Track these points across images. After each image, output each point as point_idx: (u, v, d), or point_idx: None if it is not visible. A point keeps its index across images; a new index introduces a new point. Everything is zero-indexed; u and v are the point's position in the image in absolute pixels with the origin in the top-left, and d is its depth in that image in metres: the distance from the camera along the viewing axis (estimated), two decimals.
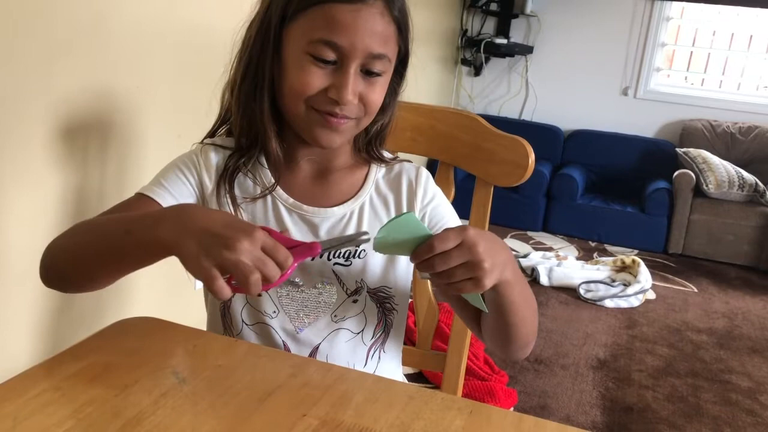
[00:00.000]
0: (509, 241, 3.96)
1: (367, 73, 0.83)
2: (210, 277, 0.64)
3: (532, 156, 1.01)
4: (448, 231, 0.70)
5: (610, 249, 4.05)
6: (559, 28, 4.54)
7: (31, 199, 1.35)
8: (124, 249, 0.73)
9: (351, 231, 0.90)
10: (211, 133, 0.95)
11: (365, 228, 0.90)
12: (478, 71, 4.74)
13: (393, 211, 0.93)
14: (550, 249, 3.89)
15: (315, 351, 0.91)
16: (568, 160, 4.49)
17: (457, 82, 4.76)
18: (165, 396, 0.66)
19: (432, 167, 1.03)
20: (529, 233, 4.17)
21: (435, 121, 1.07)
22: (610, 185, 4.39)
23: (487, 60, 4.69)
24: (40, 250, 0.80)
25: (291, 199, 0.90)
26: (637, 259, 3.48)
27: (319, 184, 0.92)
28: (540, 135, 4.38)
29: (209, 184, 0.89)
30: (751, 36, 4.41)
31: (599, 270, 3.45)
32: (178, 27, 1.70)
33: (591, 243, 4.13)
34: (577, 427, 0.69)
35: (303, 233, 0.90)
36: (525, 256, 3.62)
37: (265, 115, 0.86)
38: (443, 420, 0.67)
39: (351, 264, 0.90)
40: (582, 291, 3.22)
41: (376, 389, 0.73)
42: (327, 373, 0.75)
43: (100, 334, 0.79)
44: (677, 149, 4.19)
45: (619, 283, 3.30)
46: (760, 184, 3.89)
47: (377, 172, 0.95)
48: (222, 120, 0.94)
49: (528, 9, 4.49)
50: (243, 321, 0.91)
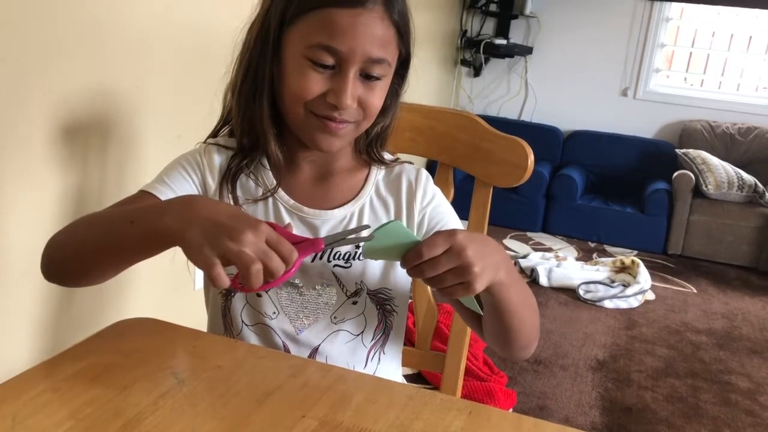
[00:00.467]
0: (508, 242, 3.97)
1: (367, 77, 0.82)
2: (210, 264, 0.64)
3: (531, 157, 1.01)
4: (436, 236, 0.70)
5: (609, 250, 4.05)
6: (559, 28, 4.54)
7: (31, 199, 1.35)
8: (127, 239, 0.73)
9: None
10: (214, 134, 0.95)
11: (366, 235, 0.90)
12: (477, 72, 4.75)
13: (393, 213, 0.93)
14: (549, 250, 3.89)
15: (314, 352, 0.91)
16: (567, 160, 4.49)
17: (457, 82, 4.77)
18: (164, 397, 0.67)
19: (431, 168, 1.03)
20: (529, 234, 4.17)
21: (434, 122, 1.07)
22: (609, 186, 4.39)
23: (487, 61, 4.70)
24: (39, 250, 0.80)
25: (292, 201, 0.90)
26: (637, 260, 3.48)
27: (320, 186, 0.93)
28: (539, 136, 4.38)
29: (212, 184, 0.90)
30: (751, 37, 4.41)
31: (599, 271, 3.45)
32: (178, 27, 1.70)
33: (590, 244, 4.13)
34: (577, 428, 0.69)
35: (303, 235, 0.90)
36: (524, 256, 3.62)
37: (265, 118, 0.86)
38: (442, 421, 0.67)
39: (351, 266, 0.90)
40: (581, 292, 3.22)
41: (375, 390, 0.73)
42: (326, 374, 0.75)
43: (99, 334, 0.79)
44: (677, 150, 4.19)
45: (619, 284, 3.30)
46: (759, 184, 3.89)
47: (377, 173, 0.95)
48: (224, 121, 0.94)
49: (527, 10, 4.49)
50: (243, 321, 0.91)
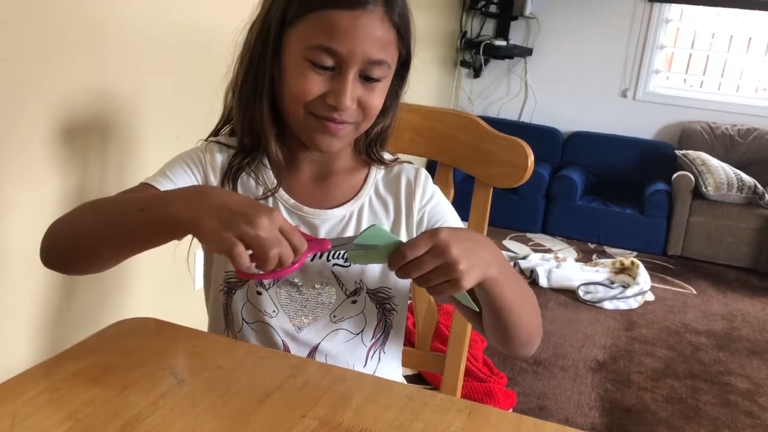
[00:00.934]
0: (508, 243, 3.97)
1: (366, 79, 0.82)
2: (231, 245, 0.64)
3: (531, 157, 1.01)
4: (419, 236, 0.70)
5: (609, 251, 4.05)
6: (559, 30, 4.54)
7: (31, 199, 1.35)
8: (135, 227, 0.73)
9: (350, 232, 0.90)
10: (215, 133, 0.96)
11: None
12: (477, 73, 4.75)
13: (392, 212, 0.93)
14: (549, 251, 3.89)
15: (314, 351, 0.91)
16: (567, 161, 4.49)
17: (457, 83, 4.77)
18: (164, 396, 0.67)
19: (431, 168, 1.03)
20: (528, 235, 4.17)
21: (434, 122, 1.07)
22: (609, 187, 4.39)
23: (487, 62, 4.70)
24: (38, 250, 0.80)
25: (292, 200, 0.90)
26: (636, 261, 3.48)
27: (320, 185, 0.93)
28: (539, 137, 4.38)
29: (214, 181, 0.90)
30: (750, 38, 4.41)
31: (598, 272, 3.45)
32: (178, 28, 1.70)
33: (590, 245, 4.13)
34: (576, 429, 0.69)
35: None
36: (524, 257, 3.62)
37: (265, 118, 0.86)
38: (442, 421, 0.67)
39: (350, 265, 0.90)
40: (581, 293, 3.22)
41: (375, 390, 0.73)
42: (326, 374, 0.75)
43: (99, 334, 0.79)
44: (676, 151, 4.19)
45: (618, 285, 3.30)
46: (759, 186, 3.89)
47: (377, 173, 0.95)
48: (225, 120, 0.95)
49: (527, 11, 4.49)
50: (243, 319, 0.92)
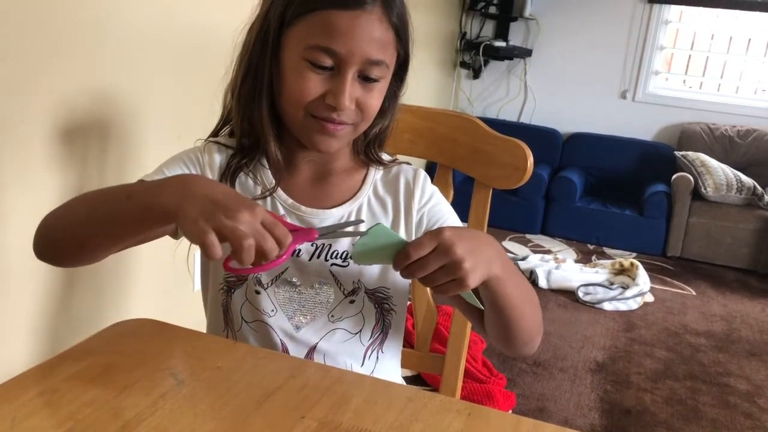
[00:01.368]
0: (508, 244, 3.97)
1: (365, 79, 0.83)
2: (203, 233, 0.64)
3: (530, 159, 1.01)
4: (423, 236, 0.70)
5: (608, 252, 4.05)
6: (558, 31, 4.55)
7: (31, 200, 1.35)
8: (123, 215, 0.73)
9: None
10: (214, 133, 0.96)
11: (363, 229, 0.90)
12: (476, 74, 4.75)
13: (391, 212, 0.94)
14: (548, 252, 3.89)
15: (312, 350, 0.91)
16: (566, 163, 4.49)
17: (456, 84, 4.77)
18: (164, 397, 0.67)
19: (431, 169, 1.03)
20: (528, 236, 4.17)
21: (434, 124, 1.07)
22: (608, 188, 4.39)
23: (486, 63, 4.70)
24: (32, 244, 0.80)
25: (290, 200, 0.90)
26: (636, 262, 3.48)
27: (318, 185, 0.93)
28: (539, 138, 4.38)
29: None
30: (750, 39, 4.42)
31: (598, 273, 3.45)
32: (178, 28, 1.70)
33: (589, 246, 4.13)
34: (576, 430, 0.69)
35: None
36: (523, 258, 3.62)
37: (264, 119, 0.86)
38: (442, 422, 0.67)
39: (348, 265, 0.91)
40: (580, 294, 3.22)
41: (374, 391, 0.73)
42: (325, 375, 0.75)
43: (98, 335, 0.79)
44: (676, 152, 4.19)
45: (618, 286, 3.30)
46: (758, 187, 3.89)
47: (375, 174, 0.96)
48: (224, 121, 0.95)
49: (527, 12, 4.49)
50: (243, 318, 0.92)
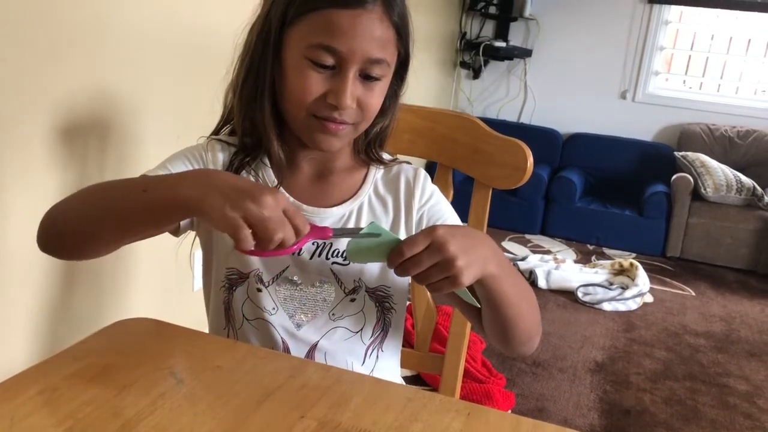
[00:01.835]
0: (507, 244, 3.97)
1: (366, 78, 0.83)
2: (236, 226, 0.64)
3: (530, 159, 1.01)
4: (417, 233, 0.71)
5: (608, 252, 4.05)
6: (558, 31, 4.55)
7: (31, 200, 1.35)
8: (138, 207, 0.72)
9: None
10: (215, 132, 0.96)
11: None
12: (476, 74, 4.75)
13: (391, 212, 0.94)
14: (548, 252, 3.89)
15: (313, 348, 0.92)
16: (566, 163, 4.49)
17: (456, 84, 4.77)
18: (163, 396, 0.67)
19: (431, 169, 1.03)
20: (528, 236, 4.18)
21: (434, 123, 1.07)
22: (608, 188, 4.39)
23: (486, 63, 4.70)
24: (38, 251, 0.80)
25: (291, 199, 0.91)
26: (635, 263, 3.48)
27: (319, 184, 0.93)
28: (538, 138, 4.38)
29: None
30: (750, 40, 4.42)
31: (597, 273, 3.45)
32: (178, 28, 1.70)
33: (589, 246, 4.13)
34: (576, 430, 0.69)
35: None
36: (523, 258, 3.62)
37: (267, 119, 0.87)
38: (441, 422, 0.67)
39: (349, 263, 0.91)
40: (580, 294, 3.22)
41: (374, 391, 0.73)
42: (325, 375, 0.75)
43: (98, 334, 0.79)
44: (675, 153, 4.20)
45: (617, 287, 3.30)
46: (758, 187, 3.89)
47: (376, 173, 0.96)
48: (225, 120, 0.95)
49: (527, 12, 4.49)
50: (244, 316, 0.92)
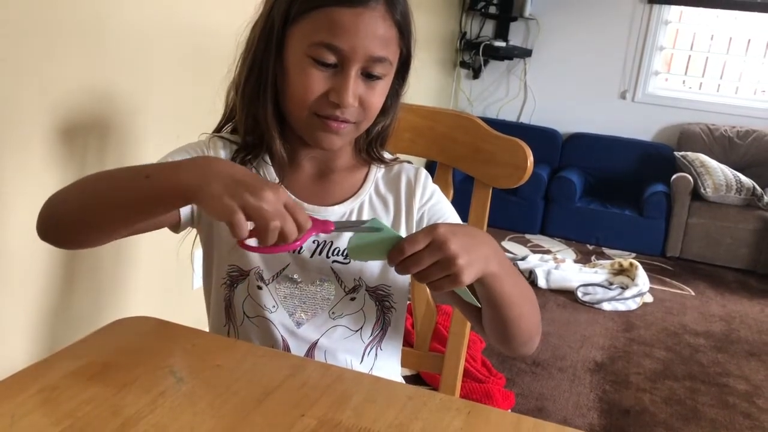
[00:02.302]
0: (507, 244, 3.97)
1: (368, 77, 0.83)
2: (231, 212, 0.64)
3: (530, 158, 1.01)
4: (418, 232, 0.71)
5: (607, 252, 4.05)
6: (558, 31, 4.55)
7: (30, 200, 1.34)
8: (140, 193, 0.72)
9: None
10: (217, 130, 0.96)
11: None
12: (476, 74, 4.75)
13: (392, 210, 0.94)
14: (547, 252, 3.89)
15: (313, 347, 0.92)
16: (566, 163, 4.49)
17: (456, 84, 4.77)
18: (163, 395, 0.66)
19: (431, 168, 1.03)
20: (527, 236, 4.18)
21: (434, 123, 1.07)
22: (608, 188, 4.39)
23: (486, 63, 4.70)
24: (38, 250, 0.80)
25: (292, 197, 0.90)
26: (635, 263, 3.48)
27: (320, 183, 0.93)
28: (538, 138, 4.38)
29: None
30: (749, 40, 4.42)
31: (597, 273, 3.45)
32: (178, 28, 1.70)
33: (589, 246, 4.13)
34: (576, 430, 0.69)
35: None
36: (523, 258, 3.62)
37: (269, 117, 0.87)
38: (442, 421, 0.67)
39: (349, 262, 0.91)
40: (580, 294, 3.22)
41: (374, 389, 0.73)
42: (325, 373, 0.75)
43: (98, 333, 0.79)
44: (675, 153, 4.20)
45: (617, 286, 3.30)
46: (757, 187, 3.90)
47: (377, 172, 0.96)
48: (227, 118, 0.95)
49: (527, 12, 4.49)
50: (245, 313, 0.92)
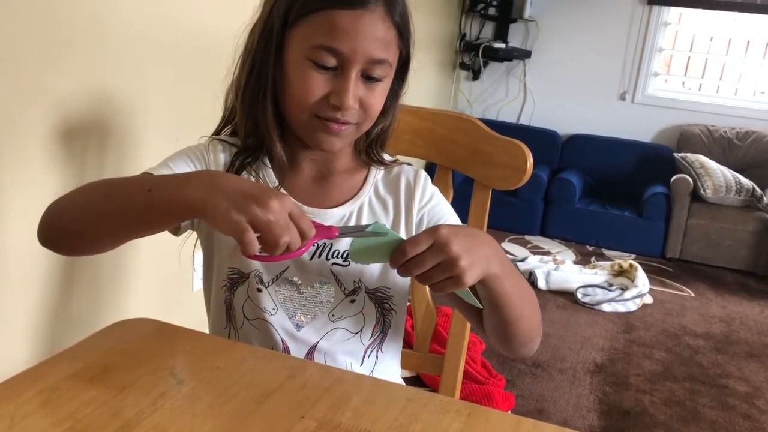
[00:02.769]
0: (507, 245, 3.96)
1: (368, 78, 0.83)
2: (241, 229, 0.65)
3: (530, 160, 1.01)
4: (420, 233, 0.71)
5: (607, 253, 4.05)
6: (558, 32, 4.55)
7: (30, 201, 1.34)
8: (142, 207, 0.72)
9: None
10: (216, 133, 0.96)
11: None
12: (476, 75, 4.75)
13: (392, 212, 0.94)
14: (547, 253, 3.89)
15: (313, 349, 0.92)
16: (565, 164, 4.49)
17: (456, 86, 4.77)
18: (163, 397, 0.66)
19: (430, 170, 1.03)
20: (527, 237, 4.17)
21: (433, 124, 1.07)
22: (607, 190, 4.39)
23: (486, 64, 4.70)
24: (38, 251, 0.80)
25: (292, 200, 0.90)
26: (635, 264, 3.48)
27: (320, 185, 0.93)
28: (538, 139, 4.38)
29: None
30: (749, 41, 4.42)
31: (597, 274, 3.45)
32: (177, 30, 1.70)
33: (588, 247, 4.13)
34: (576, 431, 0.69)
35: None
36: (523, 260, 3.62)
37: (269, 120, 0.87)
38: (441, 422, 0.67)
39: (349, 264, 0.91)
40: (579, 295, 3.22)
41: (374, 391, 0.73)
42: (325, 375, 0.75)
43: (98, 335, 0.79)
44: (675, 154, 4.20)
45: (617, 288, 3.30)
46: (757, 189, 3.90)
47: (376, 174, 0.96)
48: (226, 121, 0.95)
49: (526, 14, 4.50)
50: (245, 316, 0.92)
